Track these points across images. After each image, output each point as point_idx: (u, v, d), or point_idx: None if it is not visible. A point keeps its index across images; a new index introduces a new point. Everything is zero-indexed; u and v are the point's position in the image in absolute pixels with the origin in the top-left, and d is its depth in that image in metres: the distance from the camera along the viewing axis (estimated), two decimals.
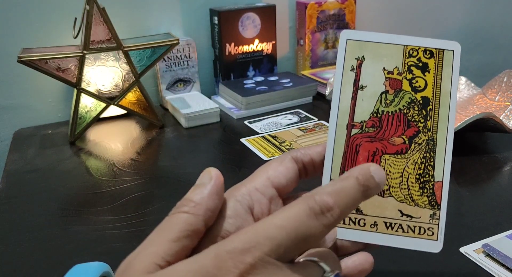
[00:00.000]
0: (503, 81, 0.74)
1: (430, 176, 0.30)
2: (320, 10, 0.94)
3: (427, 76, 0.31)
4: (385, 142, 0.30)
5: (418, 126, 0.30)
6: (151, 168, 0.63)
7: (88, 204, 0.54)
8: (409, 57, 0.31)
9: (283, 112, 0.82)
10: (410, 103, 0.30)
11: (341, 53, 0.31)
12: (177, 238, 0.24)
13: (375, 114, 0.31)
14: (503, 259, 0.40)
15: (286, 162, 0.30)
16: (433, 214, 0.30)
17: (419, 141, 0.30)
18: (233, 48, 0.89)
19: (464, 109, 0.76)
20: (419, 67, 0.31)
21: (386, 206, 0.30)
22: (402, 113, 0.30)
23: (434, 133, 0.30)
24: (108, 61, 0.74)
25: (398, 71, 0.31)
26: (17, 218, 0.52)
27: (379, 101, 0.31)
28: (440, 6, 1.15)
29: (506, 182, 0.56)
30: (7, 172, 0.63)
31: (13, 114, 0.81)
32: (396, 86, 0.31)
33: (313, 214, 0.23)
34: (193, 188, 0.26)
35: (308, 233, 0.23)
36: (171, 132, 0.76)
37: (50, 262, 0.44)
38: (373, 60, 0.31)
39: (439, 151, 0.30)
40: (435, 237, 0.30)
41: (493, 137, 0.67)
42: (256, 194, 0.28)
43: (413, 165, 0.30)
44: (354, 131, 0.30)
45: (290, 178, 0.30)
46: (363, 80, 0.31)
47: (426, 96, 0.30)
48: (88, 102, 0.74)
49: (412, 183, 0.30)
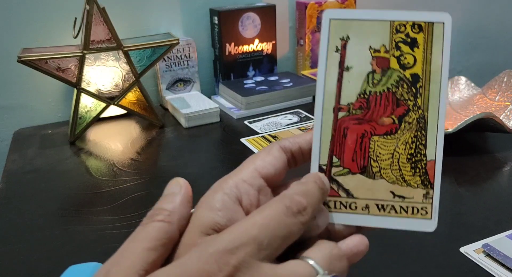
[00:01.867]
0: (503, 81, 0.74)
1: (422, 155, 0.29)
2: (320, 10, 0.94)
3: (416, 51, 0.29)
4: (374, 123, 0.29)
5: (408, 104, 0.29)
6: (151, 168, 0.63)
7: (88, 204, 0.54)
8: (396, 33, 0.29)
9: (283, 112, 0.82)
10: (398, 82, 0.29)
11: (325, 34, 0.30)
12: (154, 247, 0.24)
13: (362, 95, 0.29)
14: (503, 259, 0.40)
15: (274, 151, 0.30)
16: (426, 193, 0.29)
17: (409, 120, 0.29)
18: (233, 48, 0.89)
19: (464, 109, 0.76)
20: (408, 43, 0.29)
21: (378, 188, 0.29)
22: (390, 92, 0.29)
23: (425, 111, 0.29)
24: (108, 61, 0.73)
25: (385, 49, 0.29)
26: (17, 218, 0.52)
27: (366, 82, 0.29)
28: (439, 6, 1.15)
29: (506, 182, 0.56)
30: (7, 172, 0.63)
31: (13, 114, 0.81)
32: (383, 65, 0.29)
33: (291, 213, 0.24)
34: (162, 198, 0.27)
35: (288, 231, 0.24)
36: (171, 132, 0.76)
37: (50, 262, 0.44)
38: (358, 39, 0.29)
39: (430, 129, 0.29)
40: (429, 216, 0.29)
41: (493, 137, 0.67)
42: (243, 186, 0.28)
43: (404, 145, 0.29)
44: (341, 114, 0.29)
45: (279, 168, 0.30)
46: (348, 61, 0.29)
47: (415, 73, 0.29)
48: (88, 102, 0.74)
49: (403, 164, 0.29)
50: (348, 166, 0.29)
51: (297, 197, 0.25)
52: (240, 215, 0.27)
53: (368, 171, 0.29)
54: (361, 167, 0.29)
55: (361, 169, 0.29)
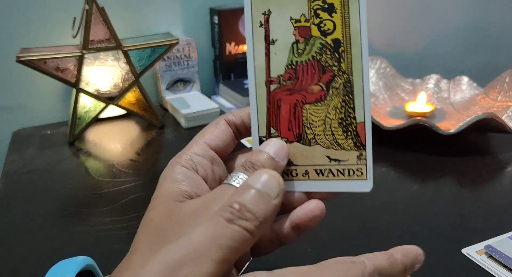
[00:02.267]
0: (505, 81, 0.74)
1: (352, 118, 0.30)
2: None
3: (335, 17, 0.30)
4: (304, 92, 0.30)
5: (333, 70, 0.30)
6: (151, 168, 0.63)
7: (88, 204, 0.54)
8: (314, 1, 0.30)
9: None
10: (321, 49, 0.30)
11: (248, 10, 0.30)
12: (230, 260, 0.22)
13: (290, 66, 0.30)
14: (505, 261, 0.40)
15: (221, 125, 0.31)
16: (360, 155, 0.30)
17: (336, 85, 0.30)
18: (233, 48, 0.88)
19: (466, 109, 0.75)
20: (325, 9, 0.30)
21: (314, 154, 0.30)
22: (315, 60, 0.30)
23: (349, 75, 0.30)
24: (107, 61, 0.73)
25: (305, 18, 0.30)
26: (16, 219, 0.51)
27: (291, 52, 0.30)
28: (441, 6, 1.14)
29: (508, 183, 0.55)
30: (6, 172, 0.63)
31: (12, 114, 0.81)
32: (305, 34, 0.30)
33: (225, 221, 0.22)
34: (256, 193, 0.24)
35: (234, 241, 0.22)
36: (171, 133, 0.76)
37: (49, 263, 0.43)
38: (279, 12, 0.30)
39: (357, 92, 0.29)
40: (365, 176, 0.30)
41: (495, 137, 0.67)
42: (197, 158, 0.30)
43: (334, 110, 0.30)
44: (273, 87, 0.30)
45: (226, 140, 0.31)
46: (273, 34, 0.30)
47: (336, 38, 0.30)
48: (87, 102, 0.73)
49: (335, 128, 0.30)
50: (285, 135, 0.30)
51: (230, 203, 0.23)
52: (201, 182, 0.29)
53: (304, 139, 0.30)
54: (297, 135, 0.30)
55: (297, 137, 0.30)
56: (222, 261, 0.21)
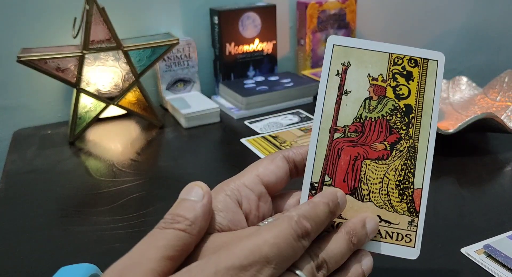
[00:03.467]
0: (505, 81, 0.74)
1: (410, 183, 0.30)
2: (320, 10, 0.94)
3: (411, 84, 0.31)
4: (367, 147, 0.31)
5: (400, 133, 0.30)
6: (151, 168, 0.63)
7: (88, 204, 0.54)
8: (394, 65, 0.31)
9: (283, 112, 0.82)
10: (393, 110, 0.31)
11: (327, 57, 0.31)
12: (172, 257, 0.24)
13: (358, 119, 0.31)
14: (504, 260, 0.40)
15: (277, 160, 0.31)
16: (412, 221, 0.30)
17: (401, 148, 0.30)
18: (233, 48, 0.89)
19: (465, 109, 0.76)
20: (404, 75, 0.31)
21: (366, 211, 0.30)
22: (384, 120, 0.31)
23: (415, 141, 0.30)
24: (107, 61, 0.73)
25: (383, 78, 0.31)
26: (16, 219, 0.51)
27: (362, 107, 0.31)
28: (441, 6, 1.14)
29: (507, 182, 0.55)
30: (6, 172, 0.63)
31: (13, 114, 0.81)
32: (380, 93, 0.31)
33: (296, 237, 0.24)
34: (182, 202, 0.26)
35: (294, 253, 0.24)
36: (171, 132, 0.76)
37: (49, 263, 0.44)
38: (358, 66, 0.31)
39: (419, 159, 0.30)
40: (413, 244, 0.30)
41: (494, 137, 0.67)
42: (245, 190, 0.29)
43: (394, 171, 0.30)
44: (337, 135, 0.31)
45: (280, 177, 0.30)
46: (347, 85, 0.31)
47: (409, 103, 0.31)
48: (88, 102, 0.73)
49: (392, 189, 0.30)
50: (339, 186, 0.30)
51: (304, 221, 0.25)
52: (240, 217, 0.28)
53: (357, 193, 0.30)
54: (352, 188, 0.30)
55: (351, 191, 0.30)
56: (162, 258, 0.23)
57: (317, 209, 0.27)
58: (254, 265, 0.23)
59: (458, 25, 1.19)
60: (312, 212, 0.26)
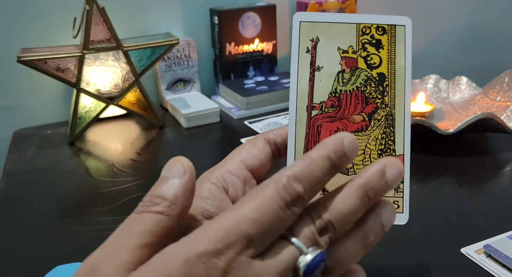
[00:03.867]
0: (504, 81, 0.74)
1: (392, 150, 0.30)
2: (320, 10, 0.94)
3: (381, 52, 0.31)
4: (345, 120, 0.31)
5: (376, 102, 0.31)
6: (151, 168, 0.63)
7: (88, 204, 0.54)
8: (362, 35, 0.31)
9: (283, 112, 0.82)
10: (366, 80, 0.31)
11: (296, 35, 0.31)
12: (150, 244, 0.21)
13: (333, 94, 0.31)
14: (504, 260, 0.40)
15: (259, 143, 0.31)
16: (397, 187, 0.30)
17: (378, 117, 0.31)
18: (233, 48, 0.89)
19: (465, 109, 0.76)
20: (373, 44, 0.31)
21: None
22: (359, 91, 0.31)
23: (392, 108, 0.30)
24: (107, 61, 0.73)
25: (353, 50, 0.31)
26: (16, 219, 0.51)
27: (336, 81, 0.31)
28: (441, 6, 1.14)
29: (507, 182, 0.55)
30: (6, 172, 0.63)
31: (13, 114, 0.81)
32: (352, 65, 0.31)
33: (284, 205, 0.22)
34: (162, 180, 0.24)
35: (280, 225, 0.22)
36: (171, 132, 0.76)
37: (49, 263, 0.44)
38: (327, 41, 0.31)
39: (398, 126, 0.30)
40: (401, 209, 0.30)
41: (494, 137, 0.67)
42: (229, 177, 0.28)
43: (374, 141, 0.30)
44: (315, 112, 0.31)
45: (263, 160, 0.30)
46: (319, 61, 0.31)
47: (381, 72, 0.31)
48: (88, 102, 0.73)
49: (374, 159, 0.30)
50: None
51: (294, 184, 0.22)
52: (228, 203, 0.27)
53: None
54: None
55: None
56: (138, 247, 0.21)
57: (313, 166, 0.23)
58: (232, 247, 0.20)
59: (458, 25, 1.19)
60: (306, 171, 0.23)
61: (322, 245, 0.23)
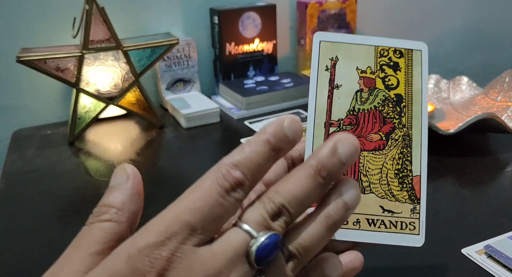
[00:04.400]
0: (505, 81, 0.74)
1: (408, 170, 0.31)
2: (321, 9, 0.94)
3: (399, 74, 0.32)
4: (363, 139, 0.31)
5: (394, 122, 0.31)
6: (151, 168, 0.63)
7: (88, 204, 0.54)
8: (380, 57, 0.32)
9: (283, 112, 0.82)
10: (384, 101, 0.31)
11: (315, 54, 0.32)
12: (101, 251, 0.22)
13: (351, 112, 0.31)
14: (505, 260, 0.40)
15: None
16: (414, 208, 0.30)
17: (395, 137, 0.31)
18: (233, 48, 0.88)
19: (466, 109, 0.75)
20: (391, 66, 0.32)
21: (368, 203, 0.30)
22: (377, 110, 0.31)
23: (409, 129, 0.31)
24: (107, 61, 0.73)
25: (371, 70, 0.32)
26: (16, 219, 0.51)
27: (354, 99, 0.31)
28: (441, 6, 1.14)
29: (508, 183, 0.55)
30: (6, 172, 0.63)
31: (12, 114, 0.81)
32: (370, 85, 0.32)
33: (224, 193, 0.22)
34: (109, 191, 0.25)
35: (223, 212, 0.22)
36: (171, 133, 0.76)
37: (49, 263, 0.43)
38: (346, 60, 0.32)
39: (415, 146, 0.31)
40: (417, 231, 0.30)
41: (495, 137, 0.67)
42: None
43: (391, 160, 0.31)
44: (332, 129, 0.31)
45: (279, 174, 0.30)
46: (338, 79, 0.32)
47: (399, 93, 0.31)
48: (87, 102, 0.73)
49: (391, 179, 0.30)
50: None
51: (233, 171, 0.22)
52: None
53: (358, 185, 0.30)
54: None
55: None
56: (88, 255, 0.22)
57: (252, 152, 0.23)
58: (174, 237, 0.20)
59: (458, 25, 1.19)
60: (244, 157, 0.23)
61: (277, 229, 0.23)
